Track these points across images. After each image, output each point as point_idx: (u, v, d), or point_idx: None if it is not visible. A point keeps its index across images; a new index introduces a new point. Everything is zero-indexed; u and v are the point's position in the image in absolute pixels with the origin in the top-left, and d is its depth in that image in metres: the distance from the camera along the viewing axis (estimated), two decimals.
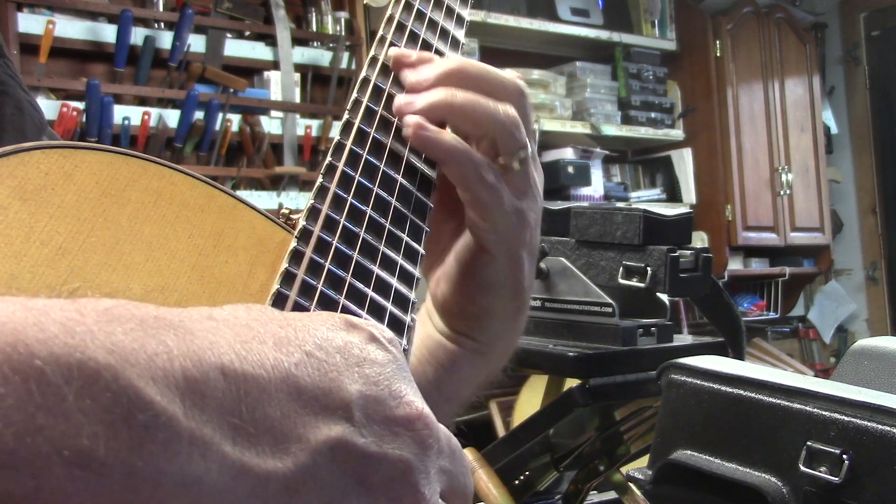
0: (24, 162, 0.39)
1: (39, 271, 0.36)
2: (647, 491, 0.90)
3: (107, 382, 0.27)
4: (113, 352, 0.27)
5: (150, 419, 0.27)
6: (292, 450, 0.30)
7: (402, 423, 0.33)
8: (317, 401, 0.31)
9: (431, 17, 0.61)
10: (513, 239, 0.54)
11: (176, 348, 0.29)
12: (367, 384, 0.33)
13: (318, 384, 0.32)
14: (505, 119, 0.52)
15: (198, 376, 0.29)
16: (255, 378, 0.30)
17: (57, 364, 0.26)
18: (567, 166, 3.55)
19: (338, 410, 0.32)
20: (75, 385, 0.26)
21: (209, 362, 0.29)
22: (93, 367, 0.27)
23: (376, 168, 0.51)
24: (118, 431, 0.26)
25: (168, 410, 0.28)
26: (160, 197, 0.42)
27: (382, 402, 0.33)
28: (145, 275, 0.39)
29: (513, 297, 0.57)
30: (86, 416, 0.26)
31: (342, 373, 0.33)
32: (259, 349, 0.31)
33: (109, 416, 0.26)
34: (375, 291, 0.46)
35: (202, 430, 0.28)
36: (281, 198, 2.85)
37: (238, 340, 0.31)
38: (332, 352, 0.33)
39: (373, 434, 0.32)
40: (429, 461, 0.33)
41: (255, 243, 0.45)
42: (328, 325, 0.34)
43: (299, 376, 0.32)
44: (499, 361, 0.61)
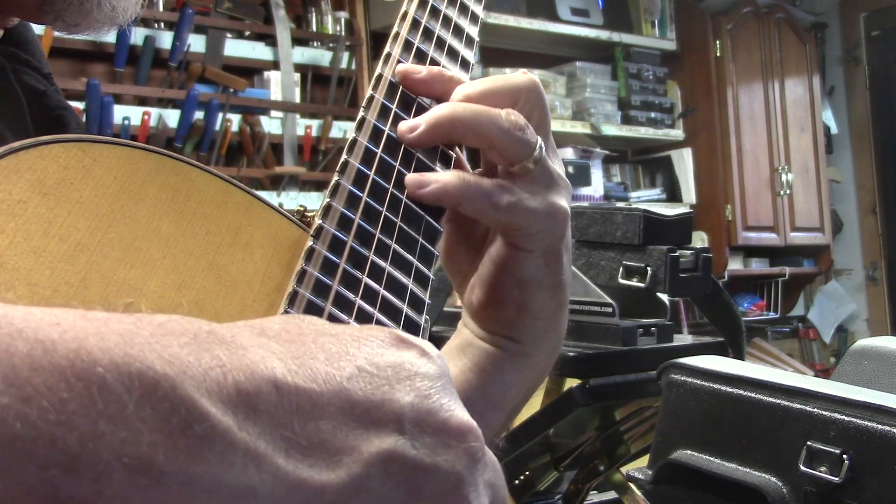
0: (43, 155, 0.39)
1: (58, 267, 0.36)
2: (647, 491, 0.90)
3: (165, 392, 0.27)
4: (171, 363, 0.28)
5: (207, 430, 0.28)
6: (345, 462, 0.30)
7: (453, 436, 0.33)
8: (369, 414, 0.32)
9: (446, 14, 0.60)
10: (547, 234, 0.53)
11: (229, 362, 0.29)
12: (419, 397, 0.33)
13: (371, 397, 0.32)
14: (508, 126, 0.51)
15: (250, 390, 0.29)
16: (307, 392, 0.31)
17: (118, 372, 0.27)
18: (567, 166, 3.53)
19: (390, 423, 0.32)
20: (135, 394, 0.27)
21: (261, 376, 0.30)
22: (152, 376, 0.27)
23: (391, 167, 0.51)
24: (176, 440, 0.27)
25: (223, 422, 0.28)
26: (177, 193, 0.42)
27: (434, 414, 0.33)
28: (162, 272, 0.39)
29: (552, 294, 0.56)
30: (145, 424, 0.27)
31: (394, 386, 0.33)
32: (311, 364, 0.32)
33: (168, 426, 0.27)
34: (391, 292, 0.46)
35: (256, 442, 0.29)
36: (281, 198, 2.85)
37: (290, 356, 0.31)
38: (383, 366, 0.33)
39: (425, 446, 0.32)
40: (478, 474, 0.34)
41: (271, 241, 0.45)
42: (379, 340, 0.35)
43: (351, 390, 0.32)
44: (544, 364, 0.59)
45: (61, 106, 0.60)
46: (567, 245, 0.56)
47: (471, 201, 0.51)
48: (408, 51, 0.57)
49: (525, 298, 0.55)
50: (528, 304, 0.56)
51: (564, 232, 0.54)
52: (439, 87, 0.55)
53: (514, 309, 0.56)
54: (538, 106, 0.55)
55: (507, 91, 0.54)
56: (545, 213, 0.52)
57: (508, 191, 0.51)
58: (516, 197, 0.51)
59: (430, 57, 0.58)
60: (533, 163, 0.52)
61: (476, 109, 0.52)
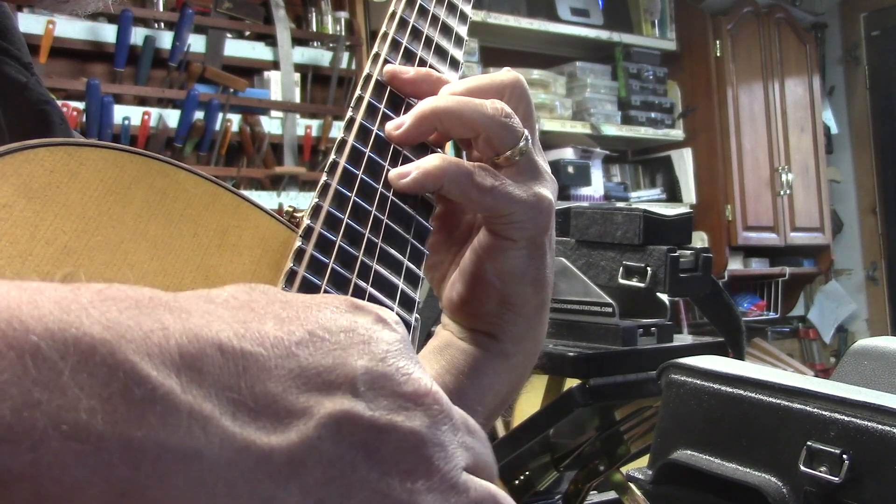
0: (28, 159, 0.38)
1: (45, 270, 0.36)
2: (647, 491, 0.90)
3: (102, 357, 0.27)
4: (108, 328, 0.27)
5: (148, 393, 0.27)
6: (295, 424, 0.30)
7: (410, 398, 0.32)
8: (319, 376, 0.31)
9: (434, 14, 0.61)
10: (531, 225, 0.53)
11: (172, 326, 0.29)
12: (373, 360, 0.32)
13: (322, 361, 0.31)
14: (493, 113, 0.52)
15: (194, 352, 0.29)
16: (254, 355, 0.30)
17: (52, 339, 0.26)
18: (567, 166, 3.55)
19: (342, 385, 0.31)
20: (71, 360, 0.26)
21: (205, 339, 0.29)
22: (88, 342, 0.27)
23: (380, 166, 0.51)
24: (115, 405, 0.26)
25: (165, 385, 0.27)
26: (165, 195, 0.42)
27: (389, 377, 0.32)
28: (150, 274, 0.39)
29: (535, 290, 0.55)
30: (82, 390, 0.26)
31: (346, 350, 0.32)
32: (258, 328, 0.31)
33: (106, 391, 0.26)
34: (381, 291, 0.46)
35: (201, 404, 0.28)
36: (281, 198, 2.85)
37: (236, 320, 0.31)
38: (335, 331, 0.33)
39: (380, 407, 0.31)
40: (442, 435, 0.33)
41: (259, 242, 0.45)
42: (332, 306, 0.34)
43: (301, 355, 0.31)
44: (522, 367, 0.59)
45: (43, 100, 0.58)
46: (551, 241, 0.55)
47: (453, 182, 0.50)
48: (396, 51, 0.57)
49: (507, 291, 0.55)
50: (510, 298, 0.55)
51: (549, 224, 0.54)
52: (427, 88, 0.55)
53: (496, 302, 0.55)
54: (523, 101, 0.55)
55: (492, 87, 0.54)
56: (530, 203, 0.52)
57: (492, 174, 0.51)
58: (500, 181, 0.51)
59: (418, 57, 0.58)
60: (519, 153, 0.52)
61: (460, 99, 0.52)
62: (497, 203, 0.51)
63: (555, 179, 0.55)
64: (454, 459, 0.33)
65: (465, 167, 0.51)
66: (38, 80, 0.59)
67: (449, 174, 0.50)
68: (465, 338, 0.57)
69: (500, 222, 0.53)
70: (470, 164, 0.52)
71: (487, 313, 0.56)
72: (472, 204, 0.52)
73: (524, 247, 0.54)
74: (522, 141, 0.53)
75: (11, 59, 0.57)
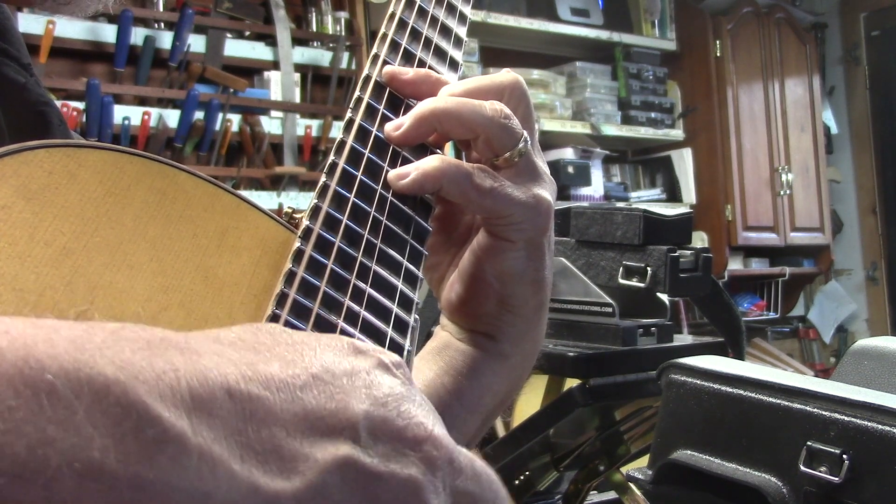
0: (27, 161, 0.38)
1: (43, 272, 0.36)
2: (647, 491, 0.90)
3: (116, 397, 0.27)
4: (122, 368, 0.28)
5: (159, 434, 0.27)
6: (300, 469, 0.30)
7: (409, 444, 0.33)
8: (323, 421, 0.32)
9: (433, 15, 0.61)
10: (530, 226, 0.53)
11: (182, 367, 0.29)
12: (375, 405, 0.33)
13: (325, 405, 0.32)
14: (492, 114, 0.52)
15: (204, 395, 0.29)
16: (261, 399, 0.30)
17: (67, 378, 0.27)
18: (567, 166, 3.55)
19: (344, 430, 0.32)
20: (85, 399, 0.27)
21: (215, 382, 0.30)
22: (102, 381, 0.27)
23: (379, 167, 0.51)
24: (128, 445, 0.27)
25: (176, 426, 0.28)
26: (164, 196, 0.42)
27: (389, 422, 0.33)
28: (149, 275, 0.39)
29: (534, 291, 0.55)
30: (96, 429, 0.26)
31: (349, 394, 0.33)
32: (265, 371, 0.31)
33: (119, 430, 0.27)
34: (380, 292, 0.46)
35: (211, 446, 0.28)
36: (281, 198, 2.85)
37: (244, 362, 0.31)
38: (338, 375, 0.33)
39: (379, 454, 0.32)
40: (438, 481, 0.33)
41: (258, 243, 0.45)
42: (335, 349, 0.35)
43: (305, 399, 0.32)
44: (521, 369, 0.59)
45: (42, 101, 0.58)
46: (550, 241, 0.55)
47: (452, 183, 0.50)
48: (395, 52, 0.57)
49: (506, 292, 0.55)
50: (509, 298, 0.55)
51: (548, 225, 0.54)
52: (426, 89, 0.55)
53: (495, 303, 0.55)
54: (522, 103, 0.55)
55: (491, 89, 0.54)
56: (529, 204, 0.52)
57: (491, 175, 0.51)
58: (499, 182, 0.51)
59: (417, 58, 0.58)
60: (518, 155, 0.52)
61: (460, 100, 0.52)
62: (496, 204, 0.51)
63: (553, 181, 0.55)
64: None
65: (465, 168, 0.51)
66: (37, 81, 0.59)
67: (448, 175, 0.50)
68: (463, 338, 0.57)
69: (498, 223, 0.53)
70: (469, 165, 0.51)
71: (486, 314, 0.56)
72: (471, 205, 0.52)
73: (523, 248, 0.54)
74: (521, 142, 0.53)
75: (10, 60, 0.57)
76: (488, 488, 0.36)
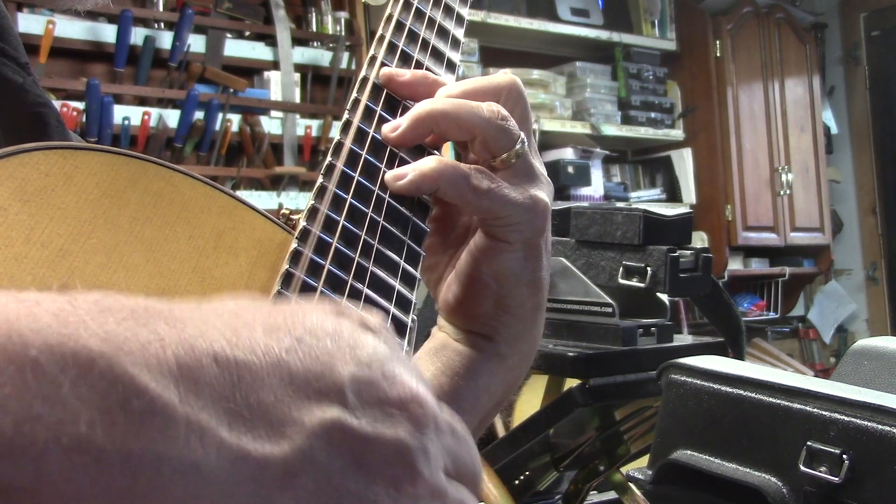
0: (24, 163, 0.39)
1: (40, 273, 0.36)
2: (647, 491, 0.90)
3: (101, 370, 0.27)
4: (106, 340, 0.28)
5: (146, 405, 0.27)
6: (288, 433, 0.30)
7: (395, 404, 0.33)
8: (309, 384, 0.31)
9: (431, 16, 0.61)
10: (527, 226, 0.53)
11: (168, 337, 0.29)
12: (360, 366, 0.33)
13: (310, 368, 0.32)
14: (489, 115, 0.52)
15: (191, 363, 0.29)
16: (247, 364, 0.30)
17: (52, 353, 0.26)
18: (567, 166, 3.55)
19: (331, 393, 0.32)
20: (70, 373, 0.26)
21: (201, 349, 0.30)
22: (87, 355, 0.27)
23: (376, 168, 0.51)
24: (115, 417, 0.27)
25: (163, 396, 0.28)
26: (160, 198, 0.42)
27: (375, 383, 0.33)
28: (146, 276, 0.39)
29: (531, 291, 0.56)
30: (82, 403, 0.26)
31: (334, 356, 0.33)
32: (249, 335, 0.31)
33: (105, 403, 0.27)
34: (377, 293, 0.46)
35: (198, 415, 0.28)
36: (281, 198, 2.85)
37: (228, 328, 0.31)
38: (322, 336, 0.33)
39: (366, 416, 0.32)
40: (426, 440, 0.33)
41: (255, 244, 0.45)
42: (317, 312, 0.34)
43: (290, 361, 0.32)
44: (518, 370, 0.59)
45: (40, 101, 0.58)
46: (547, 242, 0.55)
47: (449, 184, 0.51)
48: (392, 53, 0.57)
49: (503, 292, 0.55)
50: (506, 299, 0.55)
51: (545, 226, 0.54)
52: (423, 90, 0.55)
53: (492, 304, 0.55)
54: (519, 104, 0.55)
55: (489, 90, 0.54)
56: (526, 205, 0.52)
57: (488, 177, 0.52)
58: (496, 183, 0.51)
59: (414, 59, 0.58)
60: (515, 156, 0.53)
61: (457, 101, 0.52)
62: (493, 205, 0.51)
63: (550, 182, 0.56)
64: (434, 464, 0.33)
65: (462, 169, 0.51)
66: (35, 81, 0.59)
67: (445, 176, 0.51)
68: (460, 339, 0.57)
69: (496, 224, 0.53)
70: (466, 166, 0.52)
71: (483, 315, 0.56)
72: (469, 206, 0.52)
73: (520, 249, 0.54)
74: (519, 143, 0.53)
75: (8, 59, 0.57)
76: (468, 448, 0.36)
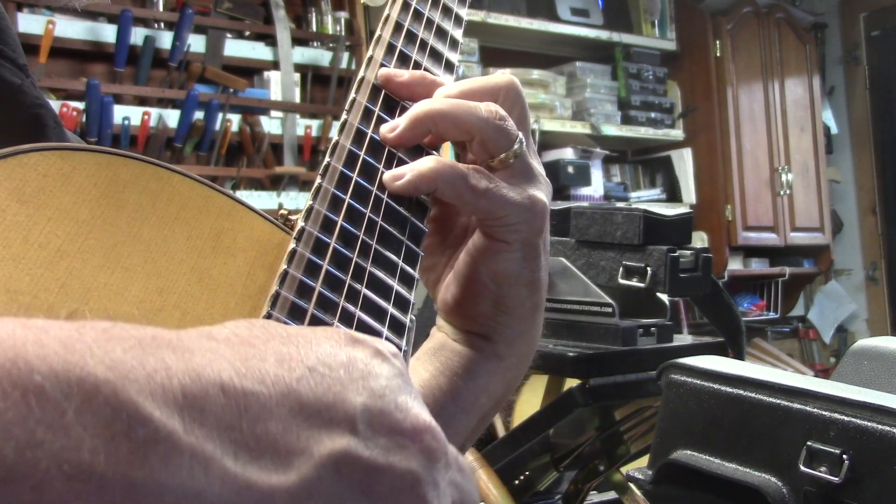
0: (21, 164, 0.39)
1: (38, 274, 0.36)
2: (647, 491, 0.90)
3: (106, 398, 0.27)
4: (112, 368, 0.28)
5: (150, 434, 0.27)
6: (296, 463, 0.30)
7: (408, 435, 0.33)
8: (320, 415, 0.31)
9: (429, 17, 0.61)
10: (526, 227, 0.53)
11: (174, 366, 0.29)
12: (372, 397, 0.33)
13: (322, 398, 0.32)
14: (487, 115, 0.52)
15: (196, 392, 0.29)
16: (255, 394, 0.30)
17: (56, 379, 0.26)
18: (567, 166, 3.55)
19: (342, 423, 0.31)
20: (75, 400, 0.26)
21: (208, 379, 0.29)
22: (92, 382, 0.27)
23: (375, 168, 0.51)
24: (118, 446, 0.27)
25: (168, 425, 0.28)
26: (158, 198, 0.42)
27: (388, 414, 0.32)
28: (144, 277, 0.39)
29: (529, 292, 0.55)
30: (86, 430, 0.26)
31: (346, 386, 0.32)
32: (259, 366, 0.31)
33: (109, 431, 0.27)
34: (375, 293, 0.46)
35: (203, 445, 0.28)
36: (281, 198, 2.85)
37: (238, 358, 0.31)
38: (335, 367, 0.33)
39: (378, 446, 0.32)
40: (437, 473, 0.33)
41: (253, 245, 0.45)
42: (331, 341, 0.34)
43: (301, 391, 0.31)
44: (516, 370, 0.59)
45: (37, 103, 0.58)
46: (545, 243, 0.55)
47: (447, 184, 0.51)
48: (391, 54, 0.57)
49: (501, 293, 0.55)
50: (505, 299, 0.55)
51: (543, 226, 0.54)
52: (421, 90, 0.55)
53: (490, 304, 0.55)
54: (517, 104, 0.55)
55: (487, 90, 0.54)
56: (524, 205, 0.52)
57: (486, 177, 0.52)
58: (494, 183, 0.51)
59: (413, 60, 0.58)
60: (513, 156, 0.53)
61: (455, 101, 0.52)
62: (491, 205, 0.51)
63: (549, 182, 0.56)
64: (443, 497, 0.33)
65: (460, 169, 0.51)
66: (33, 82, 0.59)
67: (443, 176, 0.50)
68: (459, 339, 0.57)
69: (494, 224, 0.53)
70: (464, 166, 0.52)
71: (481, 315, 0.56)
72: (467, 206, 0.52)
73: (518, 249, 0.54)
74: (517, 143, 0.53)
75: (6, 61, 0.57)
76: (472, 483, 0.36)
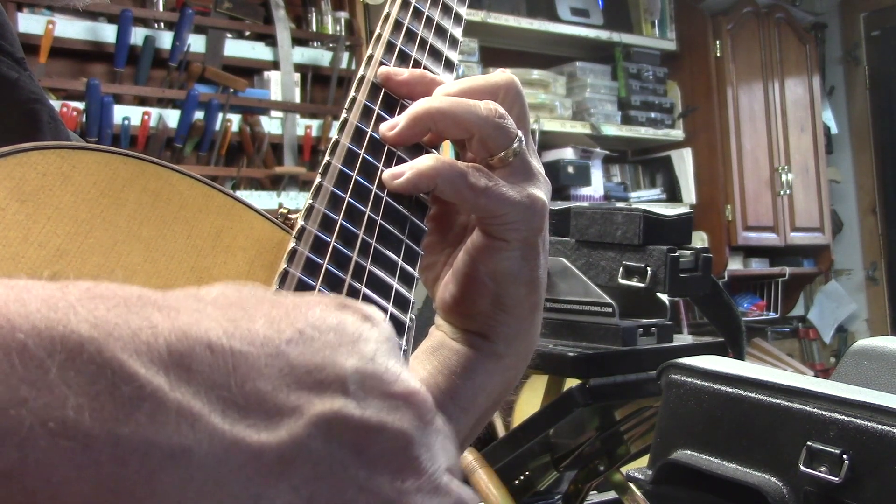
0: (21, 163, 0.38)
1: (37, 273, 0.36)
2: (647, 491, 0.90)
3: (90, 355, 0.27)
4: (96, 326, 0.27)
5: (135, 390, 0.27)
6: (286, 422, 0.30)
7: (400, 398, 0.32)
8: (310, 375, 0.31)
9: (429, 15, 0.61)
10: (525, 225, 0.53)
11: (160, 324, 0.29)
12: (363, 360, 0.32)
13: (312, 360, 0.31)
14: (487, 114, 0.52)
15: (183, 350, 0.29)
16: (244, 353, 0.30)
17: (39, 337, 0.26)
18: (567, 166, 3.55)
19: (333, 384, 0.31)
20: (58, 358, 0.26)
21: (194, 337, 0.29)
22: (76, 339, 0.27)
23: (374, 167, 0.51)
24: (103, 402, 0.26)
25: (153, 382, 0.27)
26: (158, 197, 0.42)
27: (379, 376, 0.32)
28: (144, 276, 0.39)
29: (528, 291, 0.55)
30: (70, 387, 0.26)
31: (336, 349, 0.32)
32: (248, 326, 0.31)
33: (93, 388, 0.27)
34: (375, 292, 0.46)
35: (189, 402, 0.28)
36: (281, 198, 2.85)
37: (226, 318, 0.31)
38: (325, 330, 0.33)
39: (371, 407, 0.31)
40: (428, 436, 0.33)
41: (253, 244, 0.45)
42: (321, 305, 0.34)
43: (291, 353, 0.31)
44: (515, 369, 0.59)
45: (33, 98, 0.58)
46: (544, 242, 0.55)
47: (447, 182, 0.51)
48: (390, 52, 0.57)
49: (500, 291, 0.55)
50: (503, 298, 0.55)
51: (542, 225, 0.54)
52: (421, 89, 0.55)
53: (489, 303, 0.55)
54: (517, 103, 0.55)
55: (486, 88, 0.54)
56: (523, 204, 0.52)
57: (486, 175, 0.52)
58: (493, 182, 0.51)
59: (412, 58, 0.58)
60: (512, 154, 0.53)
61: (454, 100, 0.52)
62: (491, 204, 0.51)
63: (548, 181, 0.56)
64: (439, 460, 0.33)
65: (459, 168, 0.51)
66: (31, 76, 0.59)
67: (443, 174, 0.51)
68: (457, 338, 0.57)
69: (493, 223, 0.53)
70: (464, 164, 0.52)
71: (480, 314, 0.56)
72: (466, 204, 0.52)
73: (517, 248, 0.54)
74: (516, 142, 0.53)
75: (3, 55, 0.57)
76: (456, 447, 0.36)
